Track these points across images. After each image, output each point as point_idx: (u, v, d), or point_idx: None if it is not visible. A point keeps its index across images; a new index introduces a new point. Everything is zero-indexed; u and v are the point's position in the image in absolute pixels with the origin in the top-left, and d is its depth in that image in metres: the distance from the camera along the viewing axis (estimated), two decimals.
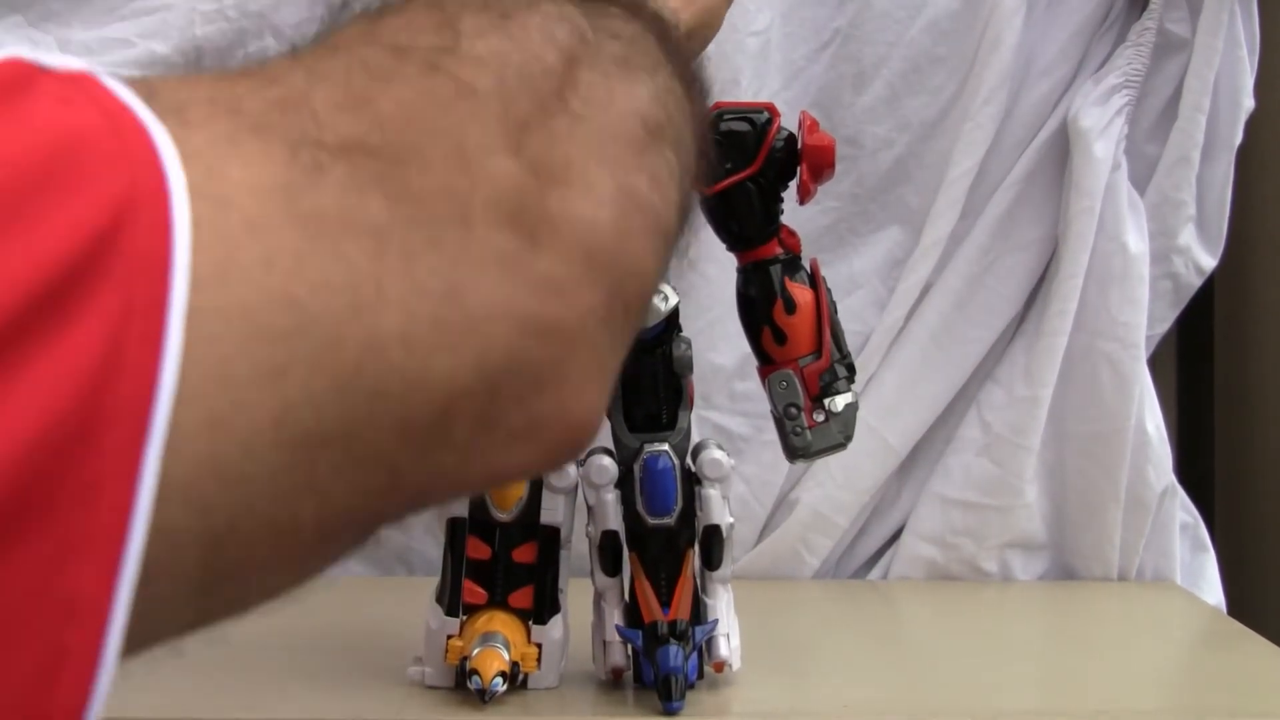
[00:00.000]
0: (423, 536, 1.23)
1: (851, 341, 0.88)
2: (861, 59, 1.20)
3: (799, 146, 0.85)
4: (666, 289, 0.86)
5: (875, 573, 1.22)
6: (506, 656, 0.83)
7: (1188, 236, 1.18)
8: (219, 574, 0.32)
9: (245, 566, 0.33)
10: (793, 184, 0.86)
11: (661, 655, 0.83)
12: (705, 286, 1.16)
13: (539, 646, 0.86)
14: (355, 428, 0.33)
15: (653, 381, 0.86)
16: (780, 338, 0.85)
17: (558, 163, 0.38)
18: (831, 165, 0.85)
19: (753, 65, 1.16)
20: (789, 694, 0.88)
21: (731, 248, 0.87)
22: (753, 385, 1.06)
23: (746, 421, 1.20)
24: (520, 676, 0.85)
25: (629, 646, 0.86)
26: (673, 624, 0.85)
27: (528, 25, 0.40)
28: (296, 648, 0.97)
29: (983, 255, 1.17)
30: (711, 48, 1.14)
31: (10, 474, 0.26)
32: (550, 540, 0.86)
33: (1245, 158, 1.18)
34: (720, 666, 0.86)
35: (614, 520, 0.86)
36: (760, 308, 0.86)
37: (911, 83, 1.20)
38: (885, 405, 1.17)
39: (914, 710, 0.87)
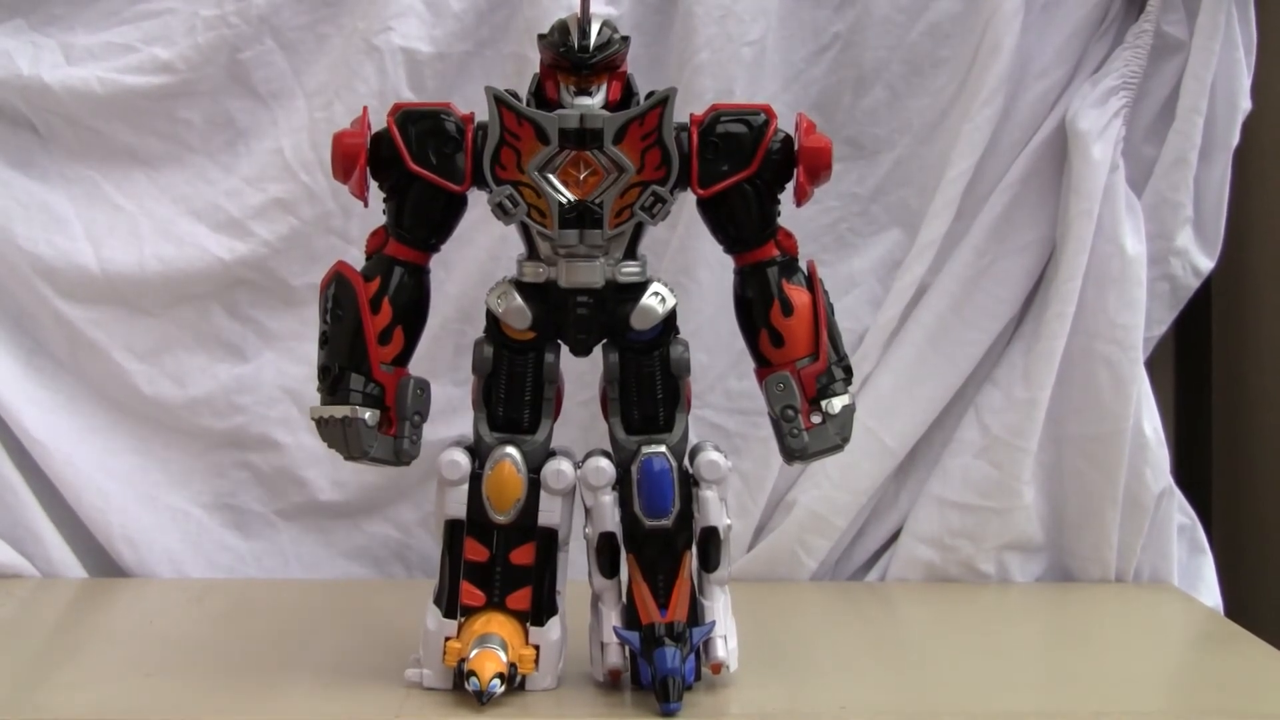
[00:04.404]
0: (421, 538, 1.23)
1: (846, 339, 0.88)
2: (862, 63, 1.20)
3: (796, 148, 0.85)
4: (664, 292, 0.86)
5: (873, 574, 1.22)
6: (504, 658, 0.83)
7: (1185, 238, 1.18)
8: None
9: None
10: (790, 185, 0.86)
11: (659, 657, 0.83)
12: (697, 289, 1.16)
13: (536, 648, 0.86)
14: None
15: (650, 383, 0.87)
16: (777, 340, 0.85)
17: None
18: (828, 167, 0.85)
19: (748, 74, 1.16)
20: (786, 695, 0.88)
21: (729, 250, 0.87)
22: (748, 384, 1.06)
23: (744, 419, 1.20)
24: (518, 678, 0.85)
25: (626, 648, 0.86)
26: (670, 625, 0.85)
27: None
28: (296, 648, 0.97)
29: (979, 257, 1.17)
30: (707, 57, 1.15)
31: None
32: (548, 542, 0.86)
33: (1242, 159, 1.18)
34: (718, 668, 0.86)
35: (611, 522, 0.86)
36: (757, 310, 0.86)
37: (913, 85, 1.20)
38: (883, 407, 1.17)
39: (911, 712, 0.87)
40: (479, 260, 1.17)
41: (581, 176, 0.84)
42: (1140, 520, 1.17)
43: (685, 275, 1.16)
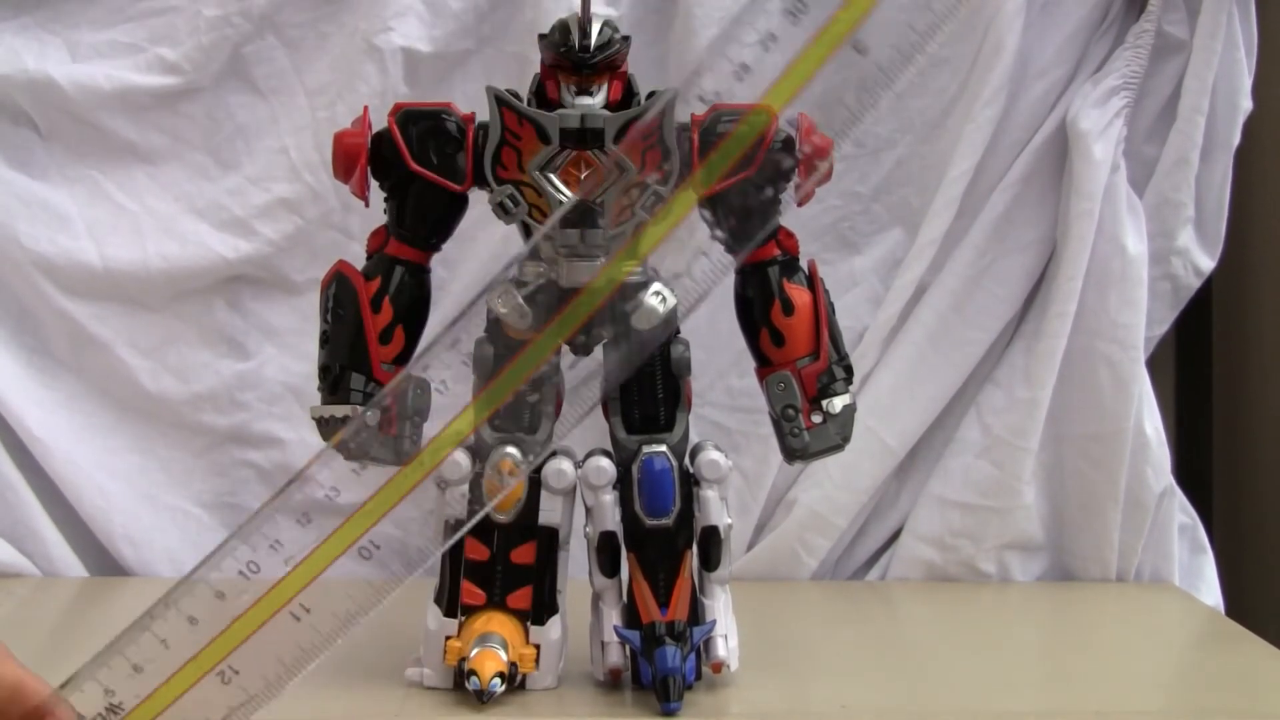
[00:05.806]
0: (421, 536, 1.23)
1: (846, 338, 0.88)
2: (865, 62, 1.20)
3: (797, 148, 0.85)
4: (665, 292, 0.86)
5: (873, 574, 1.22)
6: (504, 657, 0.83)
7: (1186, 238, 1.18)
8: None
9: None
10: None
11: (659, 656, 0.83)
12: (694, 287, 1.16)
13: (537, 647, 0.86)
14: None
15: (651, 383, 0.87)
16: (778, 339, 0.85)
17: None
18: (829, 166, 0.85)
19: None
20: (787, 695, 0.88)
21: (729, 249, 0.87)
22: (749, 382, 1.07)
23: (745, 417, 1.20)
24: (518, 677, 0.85)
25: (627, 647, 0.86)
26: (671, 625, 0.85)
27: None
28: None
29: (979, 257, 1.17)
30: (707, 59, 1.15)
31: None
32: (548, 541, 0.86)
33: (1243, 159, 1.18)
34: (718, 667, 0.86)
35: (612, 521, 0.86)
36: (758, 309, 0.86)
37: (915, 84, 1.20)
38: (883, 407, 1.17)
39: (912, 711, 0.87)
40: (481, 259, 1.17)
41: (582, 176, 0.84)
42: (1141, 520, 1.17)
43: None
